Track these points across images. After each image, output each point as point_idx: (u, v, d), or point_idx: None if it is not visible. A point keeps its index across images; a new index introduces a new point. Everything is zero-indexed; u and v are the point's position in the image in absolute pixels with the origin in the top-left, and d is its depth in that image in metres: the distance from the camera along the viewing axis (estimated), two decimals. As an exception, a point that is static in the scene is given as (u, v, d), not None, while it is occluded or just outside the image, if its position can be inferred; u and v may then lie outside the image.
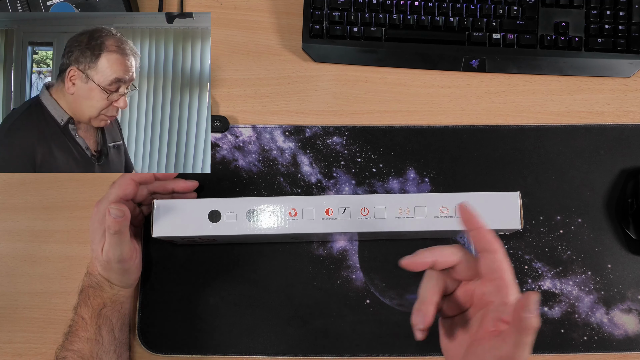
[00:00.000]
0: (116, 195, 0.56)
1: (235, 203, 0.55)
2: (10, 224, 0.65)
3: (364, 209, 0.54)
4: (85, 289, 0.57)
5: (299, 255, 0.64)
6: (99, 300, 0.56)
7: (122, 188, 0.56)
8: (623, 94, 0.69)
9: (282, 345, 0.62)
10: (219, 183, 0.66)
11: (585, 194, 0.66)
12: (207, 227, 0.54)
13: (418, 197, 0.55)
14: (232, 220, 0.55)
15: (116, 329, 0.57)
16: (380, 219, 0.54)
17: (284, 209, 0.54)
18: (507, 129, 0.67)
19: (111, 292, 0.57)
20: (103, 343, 0.55)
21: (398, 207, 0.54)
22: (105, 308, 0.56)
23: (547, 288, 0.63)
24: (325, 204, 0.54)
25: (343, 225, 0.54)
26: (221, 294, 0.63)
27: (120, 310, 0.58)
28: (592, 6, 0.68)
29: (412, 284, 0.64)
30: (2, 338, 0.63)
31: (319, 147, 0.67)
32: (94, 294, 0.57)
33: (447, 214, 0.54)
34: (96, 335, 0.55)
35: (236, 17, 0.71)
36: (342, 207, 0.54)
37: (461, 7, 0.68)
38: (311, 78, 0.69)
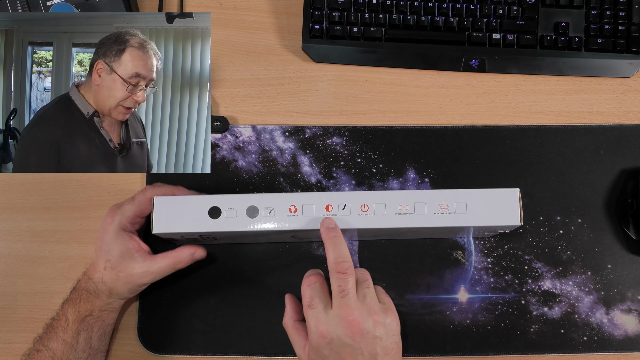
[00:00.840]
0: (133, 213, 0.57)
1: (236, 199, 0.55)
2: (11, 224, 0.65)
3: (364, 205, 0.54)
4: (79, 290, 0.57)
5: (299, 255, 0.64)
6: (88, 306, 0.56)
7: (140, 207, 0.57)
8: (623, 94, 0.69)
9: (282, 345, 0.62)
10: (219, 183, 0.66)
11: (585, 194, 0.66)
12: (207, 223, 0.54)
13: (418, 193, 0.55)
14: (233, 216, 0.54)
15: (94, 338, 0.57)
16: (380, 215, 0.54)
17: (285, 206, 0.54)
18: (507, 129, 0.67)
19: (106, 301, 0.57)
20: (77, 349, 0.55)
21: (398, 204, 0.54)
22: (91, 316, 0.56)
23: (547, 288, 0.63)
24: (325, 200, 0.54)
25: (343, 221, 0.54)
26: (221, 294, 0.63)
27: (105, 319, 0.58)
28: (592, 6, 0.68)
29: (412, 284, 0.64)
30: (2, 338, 0.63)
31: (319, 148, 0.67)
32: (87, 298, 0.56)
33: (447, 210, 0.54)
34: (72, 340, 0.55)
35: (236, 17, 0.71)
36: (342, 203, 0.54)
37: (461, 7, 0.68)
38: (311, 78, 0.69)
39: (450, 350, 0.62)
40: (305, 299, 0.51)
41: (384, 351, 0.50)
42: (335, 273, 0.50)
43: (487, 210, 0.54)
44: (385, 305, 0.52)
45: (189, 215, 0.54)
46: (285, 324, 0.55)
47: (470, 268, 0.64)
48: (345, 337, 0.48)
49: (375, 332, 0.49)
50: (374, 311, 0.50)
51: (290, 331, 0.54)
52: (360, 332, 0.49)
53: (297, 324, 0.54)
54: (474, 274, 0.64)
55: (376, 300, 0.51)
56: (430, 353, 0.62)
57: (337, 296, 0.50)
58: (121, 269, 0.56)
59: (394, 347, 0.51)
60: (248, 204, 0.54)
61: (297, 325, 0.54)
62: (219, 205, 0.55)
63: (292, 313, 0.55)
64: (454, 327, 0.63)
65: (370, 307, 0.50)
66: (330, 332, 0.49)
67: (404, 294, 0.63)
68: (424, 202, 0.54)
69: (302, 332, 0.53)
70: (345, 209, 0.54)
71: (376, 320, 0.50)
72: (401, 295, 0.63)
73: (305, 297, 0.51)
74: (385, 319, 0.50)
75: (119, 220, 0.56)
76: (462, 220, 0.54)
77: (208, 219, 0.54)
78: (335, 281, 0.50)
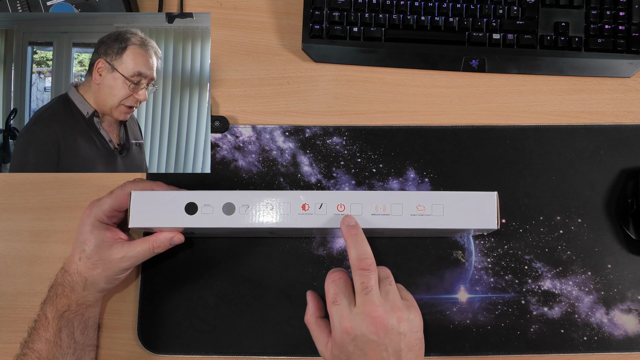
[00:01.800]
0: (110, 207, 0.56)
1: (213, 196, 0.55)
2: (11, 224, 0.65)
3: (340, 205, 0.54)
4: (55, 286, 0.57)
5: (299, 255, 0.64)
6: (64, 300, 0.56)
7: (117, 201, 0.56)
8: (623, 94, 0.69)
9: (282, 345, 0.62)
10: (219, 183, 0.66)
11: (585, 194, 0.66)
12: (183, 219, 0.54)
13: (395, 194, 0.55)
14: (209, 213, 0.54)
15: (77, 332, 0.57)
16: (356, 216, 0.54)
17: (261, 203, 0.54)
18: (507, 129, 0.67)
19: (81, 294, 0.56)
20: (61, 346, 0.55)
21: (374, 204, 0.54)
22: (69, 311, 0.56)
23: (547, 288, 0.63)
24: (302, 199, 0.54)
25: (319, 220, 0.54)
26: (221, 294, 0.63)
27: (85, 313, 0.57)
28: (592, 6, 0.68)
29: (412, 284, 0.64)
30: (2, 338, 0.63)
31: (319, 147, 0.67)
32: (62, 293, 0.56)
33: (423, 212, 0.54)
34: (55, 338, 0.55)
35: (236, 17, 0.71)
36: (318, 202, 0.54)
37: (461, 7, 0.68)
38: (311, 78, 0.69)
39: (450, 350, 0.62)
40: (329, 296, 0.52)
41: (408, 347, 0.50)
42: (358, 270, 0.50)
43: (464, 213, 0.55)
44: (408, 302, 0.52)
45: (166, 210, 0.54)
46: (307, 320, 0.55)
47: (470, 268, 0.64)
48: (370, 333, 0.49)
49: (399, 328, 0.49)
50: (397, 307, 0.50)
51: (312, 327, 0.54)
52: (384, 328, 0.49)
53: (319, 321, 0.54)
54: (474, 274, 0.64)
55: (399, 296, 0.52)
56: (430, 353, 0.62)
57: (360, 293, 0.50)
58: (98, 258, 0.56)
59: (417, 343, 0.51)
60: (225, 201, 0.54)
61: (320, 322, 0.54)
62: (195, 202, 0.55)
63: (314, 310, 0.55)
64: (454, 327, 0.63)
65: (394, 303, 0.50)
66: (354, 328, 0.49)
67: (404, 294, 0.63)
68: (401, 204, 0.54)
69: (324, 328, 0.53)
70: (322, 208, 0.54)
71: (400, 317, 0.50)
72: (401, 295, 0.63)
73: (329, 294, 0.52)
74: (409, 315, 0.51)
75: (95, 213, 0.56)
76: (439, 222, 0.54)
77: (184, 214, 0.54)
78: (358, 278, 0.50)
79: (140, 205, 0.55)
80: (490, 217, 0.55)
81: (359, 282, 0.50)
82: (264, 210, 0.54)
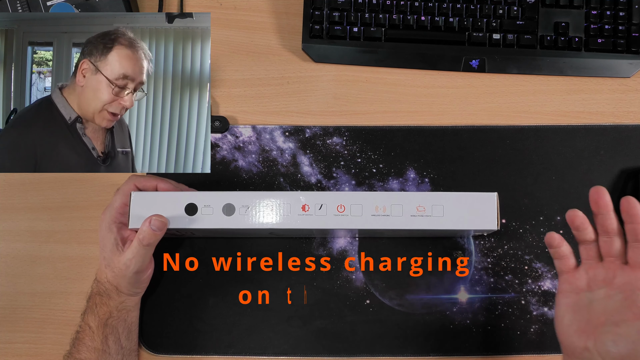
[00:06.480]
0: (121, 202, 0.56)
1: (213, 197, 0.55)
2: (11, 224, 0.65)
3: (340, 206, 0.54)
4: (93, 297, 0.57)
5: (299, 255, 0.64)
6: (105, 308, 0.56)
7: (126, 195, 0.56)
8: (623, 94, 0.69)
9: (282, 345, 0.62)
10: (219, 183, 0.66)
11: (585, 194, 0.66)
12: (183, 220, 0.54)
13: (395, 195, 0.55)
14: (209, 214, 0.55)
15: (123, 338, 0.57)
16: (357, 217, 0.54)
17: (261, 204, 0.54)
18: (507, 129, 0.67)
19: (118, 300, 0.57)
20: (110, 353, 0.55)
21: (374, 205, 0.54)
22: (112, 317, 0.56)
23: (547, 288, 0.63)
24: (302, 200, 0.54)
25: (319, 221, 0.54)
26: (221, 294, 0.63)
27: (127, 318, 0.58)
28: (592, 6, 0.68)
29: (412, 284, 0.64)
30: (2, 338, 0.63)
31: (319, 148, 0.67)
32: (101, 302, 0.56)
33: (423, 213, 0.54)
34: (103, 345, 0.55)
35: (236, 17, 0.71)
36: (318, 203, 0.54)
37: (461, 7, 0.68)
38: (311, 78, 0.69)
39: (450, 350, 0.62)
40: None
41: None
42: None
43: (464, 213, 0.54)
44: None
45: (166, 211, 0.54)
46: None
47: (471, 268, 0.64)
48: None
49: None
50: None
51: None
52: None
53: None
54: (474, 274, 0.64)
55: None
56: (430, 353, 0.62)
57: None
58: (114, 265, 0.56)
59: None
60: (225, 202, 0.55)
61: None
62: (195, 202, 0.55)
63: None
64: (454, 327, 0.63)
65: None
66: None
67: (403, 294, 0.63)
68: (401, 204, 0.54)
69: None
70: (322, 209, 0.54)
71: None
72: (401, 295, 0.63)
73: None
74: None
75: (109, 214, 0.56)
76: (439, 223, 0.54)
77: (184, 215, 0.54)
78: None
79: (140, 206, 0.55)
80: (490, 217, 0.55)
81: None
82: (264, 211, 0.54)
